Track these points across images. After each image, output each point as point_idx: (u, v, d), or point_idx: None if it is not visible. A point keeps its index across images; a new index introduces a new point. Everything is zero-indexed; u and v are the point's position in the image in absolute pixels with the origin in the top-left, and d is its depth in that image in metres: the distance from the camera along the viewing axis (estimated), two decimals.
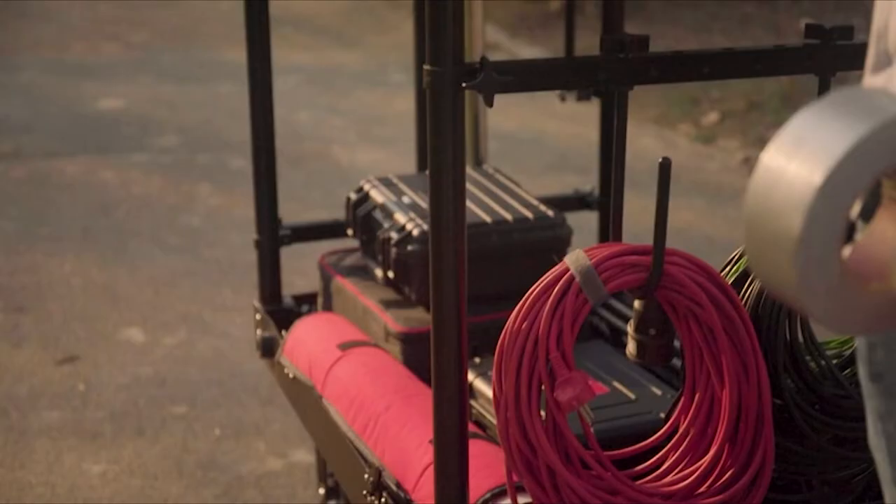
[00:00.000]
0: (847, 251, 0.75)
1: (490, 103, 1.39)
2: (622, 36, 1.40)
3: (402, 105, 5.73)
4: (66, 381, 3.26)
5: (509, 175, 2.30)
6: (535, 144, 5.54)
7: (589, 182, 2.69)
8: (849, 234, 0.76)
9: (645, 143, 5.59)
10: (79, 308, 3.70)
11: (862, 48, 1.36)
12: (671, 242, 1.36)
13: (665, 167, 1.37)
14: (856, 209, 0.82)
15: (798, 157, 0.71)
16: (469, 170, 2.29)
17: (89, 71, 6.82)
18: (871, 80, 0.86)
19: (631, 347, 1.47)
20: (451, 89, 1.36)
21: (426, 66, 1.37)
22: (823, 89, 1.42)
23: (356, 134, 5.76)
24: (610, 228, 1.45)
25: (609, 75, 1.40)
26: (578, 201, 2.49)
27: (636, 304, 1.45)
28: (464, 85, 1.37)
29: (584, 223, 2.53)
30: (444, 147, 1.37)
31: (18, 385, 3.20)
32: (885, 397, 0.86)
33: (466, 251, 1.41)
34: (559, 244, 1.97)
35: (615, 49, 1.40)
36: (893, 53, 0.86)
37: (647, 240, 1.38)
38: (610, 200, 1.59)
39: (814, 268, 0.72)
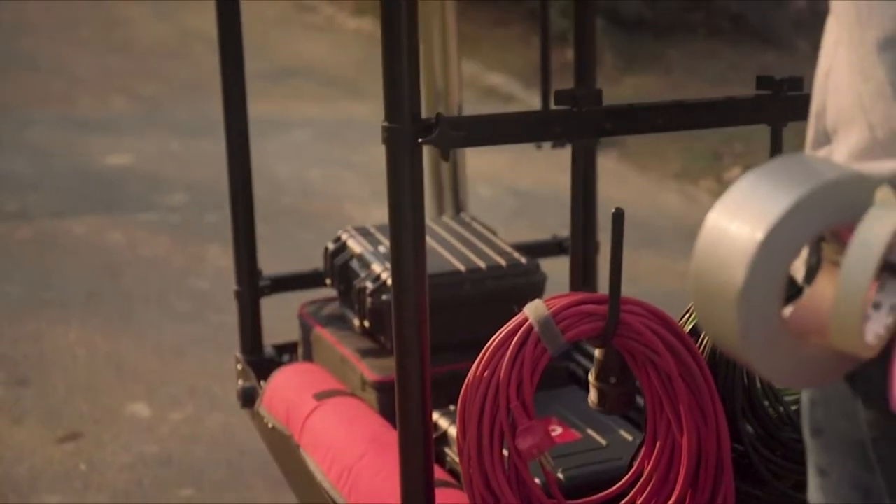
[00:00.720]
0: (789, 309, 0.83)
1: (446, 158, 1.47)
2: (574, 90, 1.47)
3: None
4: (67, 460, 3.29)
5: (485, 222, 2.38)
6: (554, 202, 5.59)
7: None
8: (792, 296, 0.84)
9: (666, 199, 5.64)
10: (83, 380, 3.74)
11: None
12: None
13: (618, 217, 1.43)
14: (801, 273, 0.89)
15: (741, 216, 0.81)
16: (447, 218, 2.38)
17: (97, 125, 6.92)
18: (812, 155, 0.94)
19: (592, 396, 1.53)
20: (408, 145, 1.44)
21: (384, 123, 1.44)
22: (775, 139, 1.49)
23: (370, 190, 5.84)
24: (570, 277, 1.52)
25: (562, 129, 1.47)
26: (556, 247, 2.56)
27: (596, 352, 1.52)
28: (420, 140, 1.44)
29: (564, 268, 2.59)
30: (402, 201, 1.45)
31: (18, 465, 3.24)
32: (824, 453, 0.92)
33: (439, 299, 1.48)
34: (532, 291, 2.04)
35: (568, 103, 1.47)
36: (832, 133, 0.94)
37: (671, 306, 1.45)
38: (580, 248, 1.66)
39: (755, 320, 0.80)
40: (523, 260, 2.09)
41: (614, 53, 6.68)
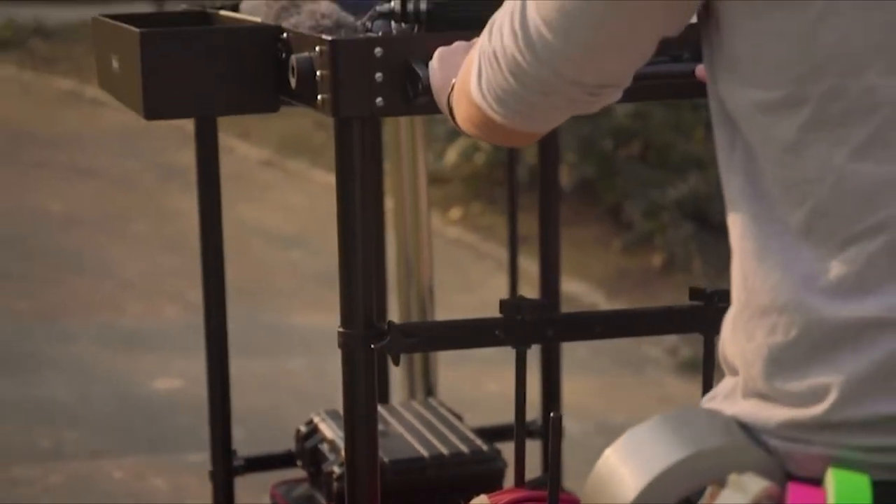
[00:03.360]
0: None
1: (396, 362, 1.74)
2: (518, 299, 1.75)
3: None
4: None
5: (452, 408, 2.62)
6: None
7: None
8: None
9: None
10: None
11: None
12: None
13: (556, 422, 1.68)
14: None
15: (631, 462, 1.17)
16: (415, 403, 2.68)
17: (145, 340, 6.99)
18: (723, 383, 1.26)
19: None
20: (362, 350, 1.72)
21: (339, 329, 1.72)
22: (708, 347, 1.75)
23: None
24: (515, 471, 1.76)
25: (506, 335, 1.74)
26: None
27: None
28: (373, 346, 1.71)
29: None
30: (357, 402, 1.72)
31: None
32: None
33: (403, 485, 1.74)
34: (493, 478, 2.32)
35: (513, 311, 1.74)
36: (731, 370, 1.24)
37: None
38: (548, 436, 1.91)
39: None
40: (485, 447, 2.40)
41: (704, 259, 6.87)
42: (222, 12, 2.04)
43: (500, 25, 1.24)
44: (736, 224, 1.19)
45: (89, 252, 8.81)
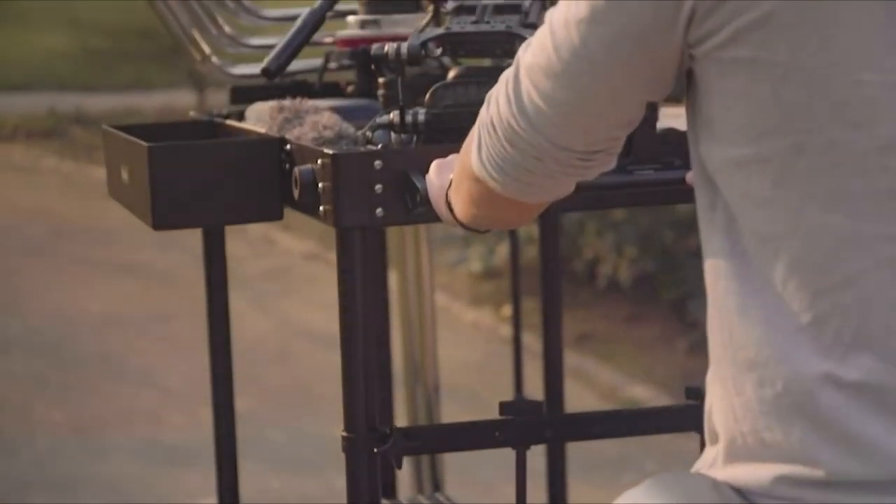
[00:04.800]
0: None
1: (399, 466, 1.94)
2: (519, 401, 1.94)
3: None
4: None
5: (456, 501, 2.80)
6: None
7: None
8: None
9: None
10: None
11: None
12: None
13: None
14: None
15: None
16: (423, 498, 2.90)
17: (187, 454, 6.88)
18: (704, 454, 1.44)
19: None
20: (364, 454, 1.92)
21: (342, 433, 1.92)
22: (704, 446, 1.92)
23: None
24: None
25: (505, 436, 1.93)
26: None
27: None
28: (375, 450, 1.91)
29: None
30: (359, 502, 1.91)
31: None
32: None
33: None
34: None
35: (512, 412, 1.93)
36: (716, 434, 1.42)
37: None
38: None
39: None
40: None
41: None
42: (228, 122, 2.29)
43: (497, 95, 1.44)
44: (717, 282, 1.35)
45: (129, 356, 8.88)
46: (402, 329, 3.09)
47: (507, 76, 1.42)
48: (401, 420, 3.03)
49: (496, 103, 1.43)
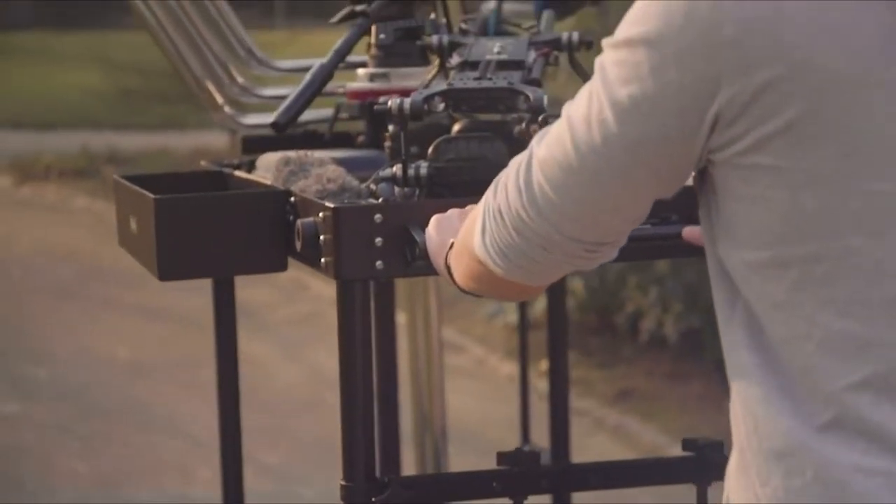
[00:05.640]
0: None
1: None
2: (517, 451, 2.06)
3: None
4: None
5: None
6: None
7: None
8: None
9: None
10: None
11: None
12: None
13: None
14: None
15: None
16: None
17: None
18: None
19: None
20: (363, 503, 2.03)
21: (341, 482, 2.04)
22: (701, 497, 2.05)
23: None
24: None
25: (503, 486, 2.06)
26: None
27: None
28: (374, 500, 2.03)
29: None
30: None
31: None
32: None
33: None
34: None
35: (510, 462, 2.05)
36: None
37: None
38: None
39: None
40: None
41: None
42: (237, 173, 2.44)
43: (506, 183, 1.52)
44: (740, 372, 1.43)
45: (156, 405, 8.92)
46: (411, 377, 3.20)
47: (517, 164, 1.49)
48: (411, 468, 3.15)
49: (504, 191, 1.50)
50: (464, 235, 1.68)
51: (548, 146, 1.45)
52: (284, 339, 9.96)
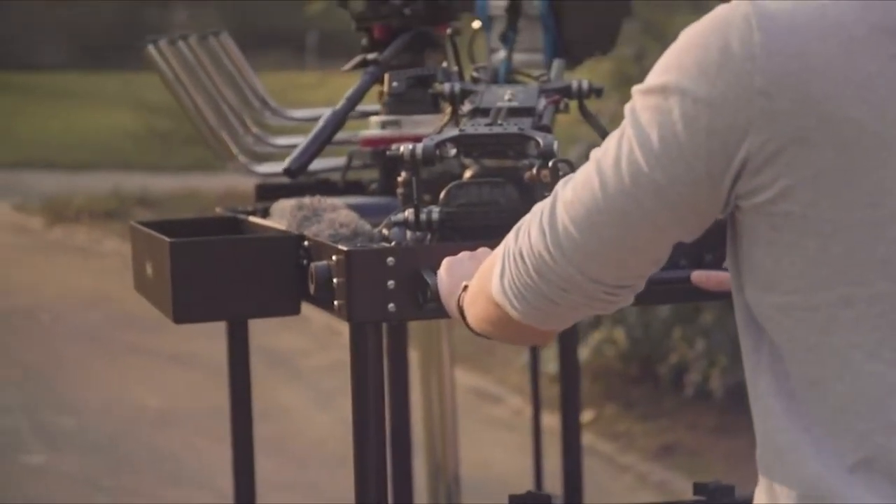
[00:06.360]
0: None
1: None
2: (527, 495, 2.16)
3: None
4: None
5: None
6: None
7: None
8: None
9: None
10: None
11: None
12: None
13: None
14: None
15: None
16: None
17: None
18: None
19: None
20: None
21: None
22: None
23: None
24: None
25: None
26: None
27: None
28: None
29: None
30: None
31: None
32: None
33: None
34: None
35: None
36: None
37: None
38: None
39: None
40: None
41: None
42: (251, 218, 2.56)
43: (528, 226, 1.59)
44: (766, 420, 1.50)
45: (186, 457, 8.96)
46: (424, 422, 3.29)
47: (541, 208, 1.57)
48: None
49: (527, 234, 1.58)
50: (480, 279, 1.77)
51: (574, 189, 1.53)
52: (315, 388, 10.02)
